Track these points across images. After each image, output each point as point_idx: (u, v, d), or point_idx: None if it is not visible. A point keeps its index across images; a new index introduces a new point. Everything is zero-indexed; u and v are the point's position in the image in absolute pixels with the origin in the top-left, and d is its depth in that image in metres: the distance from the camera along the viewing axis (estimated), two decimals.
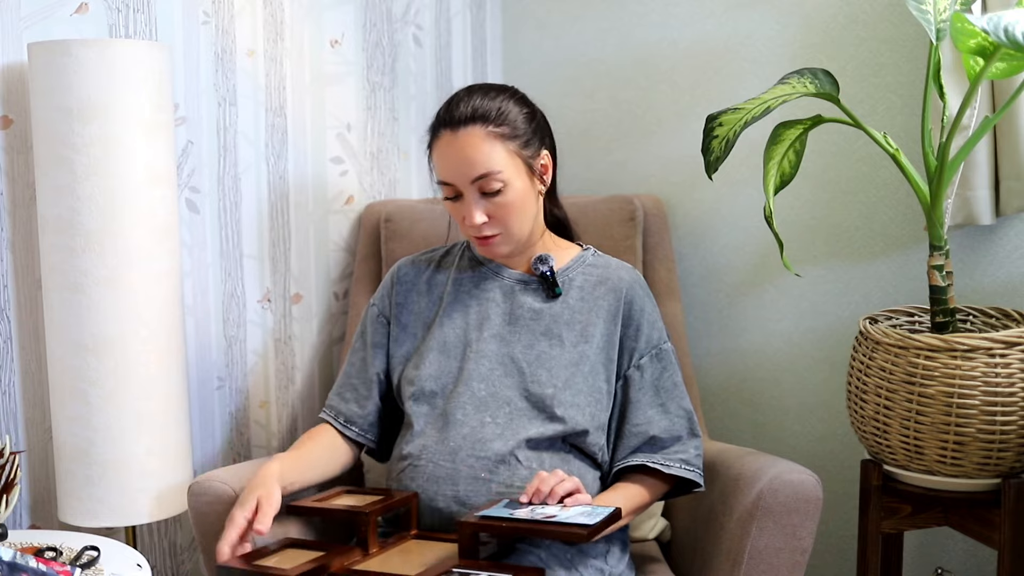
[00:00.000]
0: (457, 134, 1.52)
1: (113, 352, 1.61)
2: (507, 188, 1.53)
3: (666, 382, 1.60)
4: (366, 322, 1.70)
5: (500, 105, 1.55)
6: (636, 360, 1.59)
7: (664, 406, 1.59)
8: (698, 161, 1.75)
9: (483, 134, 1.52)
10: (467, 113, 1.53)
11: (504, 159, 1.52)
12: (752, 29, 2.14)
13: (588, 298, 1.60)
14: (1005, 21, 1.36)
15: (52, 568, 1.31)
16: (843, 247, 2.08)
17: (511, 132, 1.54)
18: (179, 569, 1.96)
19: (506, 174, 1.52)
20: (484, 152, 1.51)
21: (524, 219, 1.57)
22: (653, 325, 1.61)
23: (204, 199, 1.95)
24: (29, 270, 1.71)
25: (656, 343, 1.61)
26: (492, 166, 1.51)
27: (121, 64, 1.58)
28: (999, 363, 1.55)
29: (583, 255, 1.66)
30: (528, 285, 1.63)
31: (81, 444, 1.63)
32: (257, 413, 2.08)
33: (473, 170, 1.52)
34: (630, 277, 1.63)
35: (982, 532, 1.66)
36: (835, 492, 2.11)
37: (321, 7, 2.15)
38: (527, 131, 1.56)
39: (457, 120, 1.53)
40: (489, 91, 1.57)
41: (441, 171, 1.55)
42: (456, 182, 1.53)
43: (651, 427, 1.57)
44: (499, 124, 1.53)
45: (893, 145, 1.65)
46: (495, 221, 1.55)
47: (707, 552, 1.66)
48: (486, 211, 1.54)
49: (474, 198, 1.53)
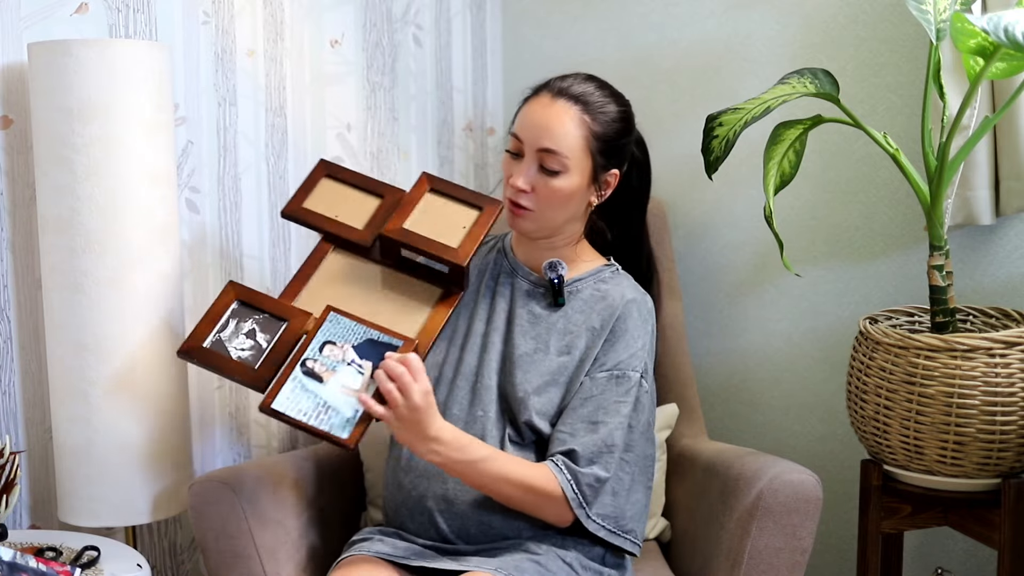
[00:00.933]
0: (555, 101, 1.53)
1: (113, 352, 1.62)
2: (564, 175, 1.52)
3: (609, 405, 1.51)
4: None
5: (606, 106, 1.55)
6: (595, 371, 1.53)
7: (595, 425, 1.50)
8: (698, 161, 1.75)
9: (576, 114, 1.52)
10: (575, 91, 1.54)
11: (578, 148, 1.52)
12: (752, 29, 2.14)
13: (586, 311, 1.58)
14: (1005, 21, 1.36)
15: (52, 568, 1.31)
16: (843, 247, 2.08)
17: (600, 132, 1.53)
18: (179, 569, 1.96)
19: (571, 162, 1.52)
20: (567, 131, 1.51)
21: (561, 213, 1.56)
22: (630, 349, 1.54)
23: (204, 199, 1.95)
24: (29, 270, 1.71)
25: (624, 367, 1.53)
26: (564, 147, 1.51)
27: (121, 64, 1.58)
28: (999, 363, 1.55)
29: (602, 270, 1.63)
30: (537, 289, 1.62)
31: (81, 444, 1.63)
32: (257, 413, 2.08)
33: (545, 139, 1.51)
34: (632, 297, 1.58)
35: (982, 532, 1.66)
36: (835, 492, 2.11)
37: (321, 7, 2.15)
38: (613, 141, 1.56)
39: (561, 90, 1.54)
40: (605, 88, 1.58)
41: (520, 124, 1.56)
42: (525, 140, 1.53)
43: (574, 441, 1.49)
44: (595, 118, 1.53)
45: (893, 145, 1.65)
46: (535, 196, 1.54)
47: (707, 552, 1.66)
48: (533, 182, 1.53)
49: (531, 164, 1.53)
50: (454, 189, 1.65)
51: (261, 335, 1.52)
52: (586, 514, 1.48)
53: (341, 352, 1.46)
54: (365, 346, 1.47)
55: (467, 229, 1.59)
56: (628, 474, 1.51)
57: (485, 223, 1.60)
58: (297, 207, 1.64)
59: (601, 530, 1.49)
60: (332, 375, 1.44)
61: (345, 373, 1.44)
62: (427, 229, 1.58)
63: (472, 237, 1.58)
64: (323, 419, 1.41)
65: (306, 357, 1.46)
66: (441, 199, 1.63)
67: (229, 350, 1.51)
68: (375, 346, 1.46)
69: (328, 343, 1.47)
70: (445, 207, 1.62)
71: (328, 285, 1.59)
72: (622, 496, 1.51)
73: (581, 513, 1.47)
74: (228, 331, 1.53)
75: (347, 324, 1.49)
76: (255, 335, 1.52)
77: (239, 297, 1.56)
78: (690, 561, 1.77)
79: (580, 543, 1.53)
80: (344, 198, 1.65)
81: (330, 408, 1.42)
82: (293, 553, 1.62)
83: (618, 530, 1.50)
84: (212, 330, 1.53)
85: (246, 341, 1.52)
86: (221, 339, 1.52)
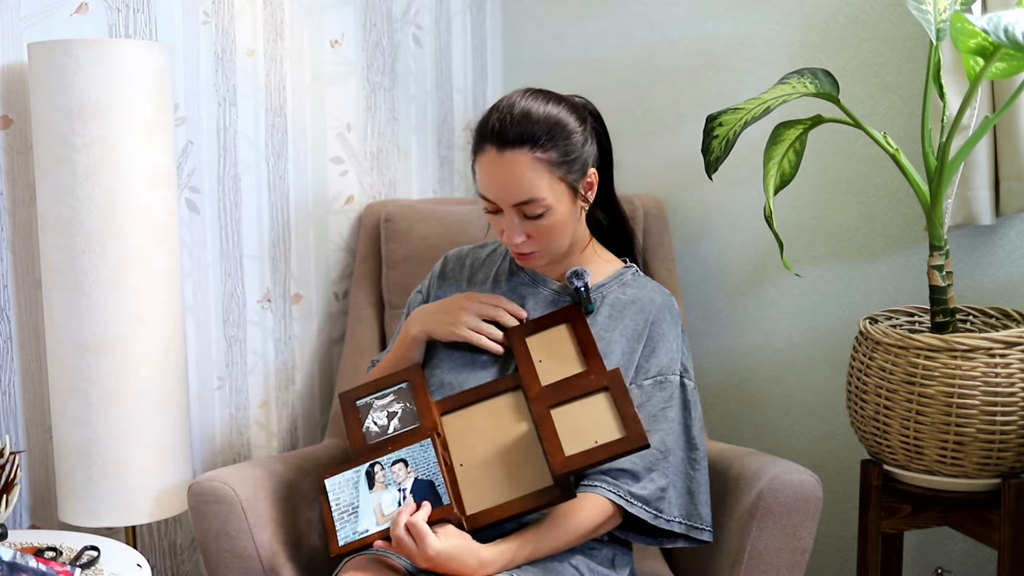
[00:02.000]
0: (503, 155, 1.46)
1: (113, 352, 1.61)
2: (549, 213, 1.49)
3: (658, 412, 1.52)
4: (411, 308, 1.71)
5: (551, 126, 1.48)
6: (640, 380, 1.54)
7: (648, 432, 1.49)
8: (698, 161, 1.75)
9: (529, 160, 1.46)
10: (515, 133, 1.46)
11: (548, 186, 1.47)
12: (752, 29, 2.14)
13: (616, 316, 1.57)
14: (1005, 21, 1.36)
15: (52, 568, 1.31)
16: (843, 247, 2.08)
17: (559, 157, 1.48)
18: (179, 569, 1.96)
19: (549, 201, 1.48)
20: (528, 179, 1.46)
21: (563, 238, 1.54)
22: (670, 353, 1.55)
23: (204, 199, 1.95)
24: (29, 270, 1.71)
25: (665, 371, 1.54)
26: (536, 193, 1.47)
27: (121, 64, 1.58)
28: (999, 363, 1.55)
29: (622, 273, 1.62)
30: (561, 297, 1.61)
31: (81, 444, 1.63)
32: (257, 413, 2.08)
33: (515, 196, 1.47)
34: (662, 300, 1.59)
35: (982, 532, 1.66)
36: (835, 492, 2.11)
37: (321, 7, 2.15)
38: (576, 152, 1.50)
39: (503, 140, 1.46)
40: (541, 103, 1.50)
41: (483, 187, 1.51)
42: (498, 201, 1.50)
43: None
44: (547, 149, 1.46)
45: (893, 145, 1.65)
46: (534, 240, 1.52)
47: (707, 552, 1.66)
48: (526, 231, 1.50)
49: (515, 219, 1.50)
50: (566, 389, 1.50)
51: (394, 422, 1.54)
52: (665, 520, 1.50)
53: (404, 475, 1.47)
54: (423, 485, 1.45)
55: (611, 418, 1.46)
56: (700, 471, 1.54)
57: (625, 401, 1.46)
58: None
59: (689, 529, 1.51)
60: (383, 490, 1.46)
61: (390, 496, 1.46)
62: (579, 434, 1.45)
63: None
64: (343, 519, 1.46)
65: (378, 461, 1.49)
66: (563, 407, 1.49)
67: (365, 417, 1.56)
68: (429, 490, 1.44)
69: (401, 461, 1.48)
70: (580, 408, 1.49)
71: (486, 418, 1.53)
72: (700, 495, 1.54)
73: (660, 522, 1.49)
74: (382, 402, 1.57)
75: (429, 456, 1.47)
76: (392, 419, 1.55)
77: (411, 381, 1.57)
78: (690, 561, 1.77)
79: (586, 547, 1.53)
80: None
81: (355, 514, 1.46)
82: (293, 553, 1.62)
83: (702, 525, 1.53)
84: (373, 393, 1.58)
85: (383, 418, 1.55)
86: (369, 404, 1.57)
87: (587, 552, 1.52)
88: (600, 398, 1.45)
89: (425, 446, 1.47)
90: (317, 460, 1.80)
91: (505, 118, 1.48)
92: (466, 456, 1.49)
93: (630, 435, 1.40)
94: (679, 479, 1.53)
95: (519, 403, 1.51)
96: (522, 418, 1.49)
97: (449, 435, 1.52)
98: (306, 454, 1.82)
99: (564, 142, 1.49)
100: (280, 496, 1.65)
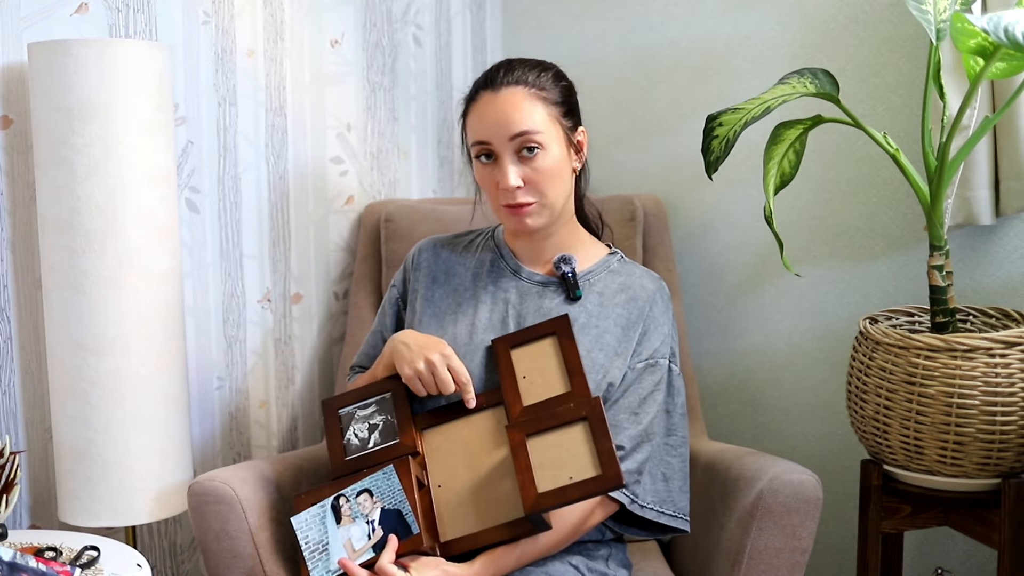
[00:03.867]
0: (498, 93, 1.50)
1: (113, 352, 1.62)
2: (544, 151, 1.49)
3: (647, 395, 1.53)
4: (386, 304, 1.71)
5: (541, 74, 1.53)
6: (634, 362, 1.55)
7: (636, 415, 1.52)
8: (698, 161, 1.75)
9: (525, 93, 1.50)
10: (512, 77, 1.52)
11: (544, 120, 1.50)
12: (752, 29, 2.14)
13: (607, 304, 1.57)
14: (1005, 21, 1.36)
15: (52, 568, 1.31)
16: (843, 247, 2.08)
17: (554, 98, 1.52)
18: (179, 569, 1.96)
19: (545, 136, 1.49)
20: (525, 109, 1.49)
21: (560, 189, 1.53)
22: (662, 336, 1.56)
23: (204, 199, 1.95)
24: (29, 270, 1.71)
25: (656, 355, 1.55)
26: (532, 125, 1.49)
27: (121, 64, 1.58)
28: (999, 363, 1.55)
29: (608, 260, 1.63)
30: (547, 288, 1.59)
31: (81, 444, 1.63)
32: (257, 413, 2.08)
33: (512, 127, 1.48)
34: (654, 287, 1.60)
35: (982, 532, 1.66)
36: (835, 492, 2.11)
37: (321, 7, 2.15)
38: (567, 102, 1.55)
39: (499, 82, 1.51)
40: (530, 62, 1.56)
41: (477, 130, 1.52)
42: (492, 140, 1.49)
43: (619, 435, 1.50)
44: (542, 88, 1.52)
45: (893, 145, 1.65)
46: (530, 187, 1.50)
47: (707, 552, 1.66)
48: (522, 175, 1.49)
49: (510, 159, 1.49)
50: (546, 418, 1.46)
51: (374, 436, 1.53)
52: (640, 507, 1.50)
53: (370, 506, 1.45)
54: (391, 515, 1.44)
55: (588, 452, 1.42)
56: (676, 457, 1.55)
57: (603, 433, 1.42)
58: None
59: (659, 515, 1.51)
60: (350, 523, 1.45)
61: (359, 529, 1.44)
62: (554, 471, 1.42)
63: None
64: (314, 557, 1.44)
65: (342, 494, 1.47)
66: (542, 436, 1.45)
67: (347, 428, 1.55)
68: (397, 519, 1.43)
69: (366, 491, 1.46)
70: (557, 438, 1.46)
71: (466, 436, 1.51)
72: (675, 482, 1.54)
73: (635, 508, 1.49)
74: (364, 412, 1.56)
75: (394, 484, 1.45)
76: (373, 432, 1.54)
77: (393, 392, 1.55)
78: (690, 561, 1.77)
79: (583, 546, 1.53)
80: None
81: (325, 552, 1.44)
82: (293, 553, 1.62)
83: (676, 512, 1.53)
84: (356, 402, 1.56)
85: (364, 431, 1.54)
86: (351, 414, 1.56)
87: (585, 552, 1.52)
88: (578, 429, 1.41)
89: (388, 473, 1.45)
90: (317, 460, 1.80)
91: (496, 69, 1.55)
92: (444, 477, 1.48)
93: (606, 473, 1.36)
94: (654, 464, 1.53)
95: (500, 421, 1.49)
96: (501, 440, 1.47)
97: (428, 453, 1.50)
98: (306, 454, 1.82)
99: (557, 87, 1.54)
100: (280, 496, 1.65)
